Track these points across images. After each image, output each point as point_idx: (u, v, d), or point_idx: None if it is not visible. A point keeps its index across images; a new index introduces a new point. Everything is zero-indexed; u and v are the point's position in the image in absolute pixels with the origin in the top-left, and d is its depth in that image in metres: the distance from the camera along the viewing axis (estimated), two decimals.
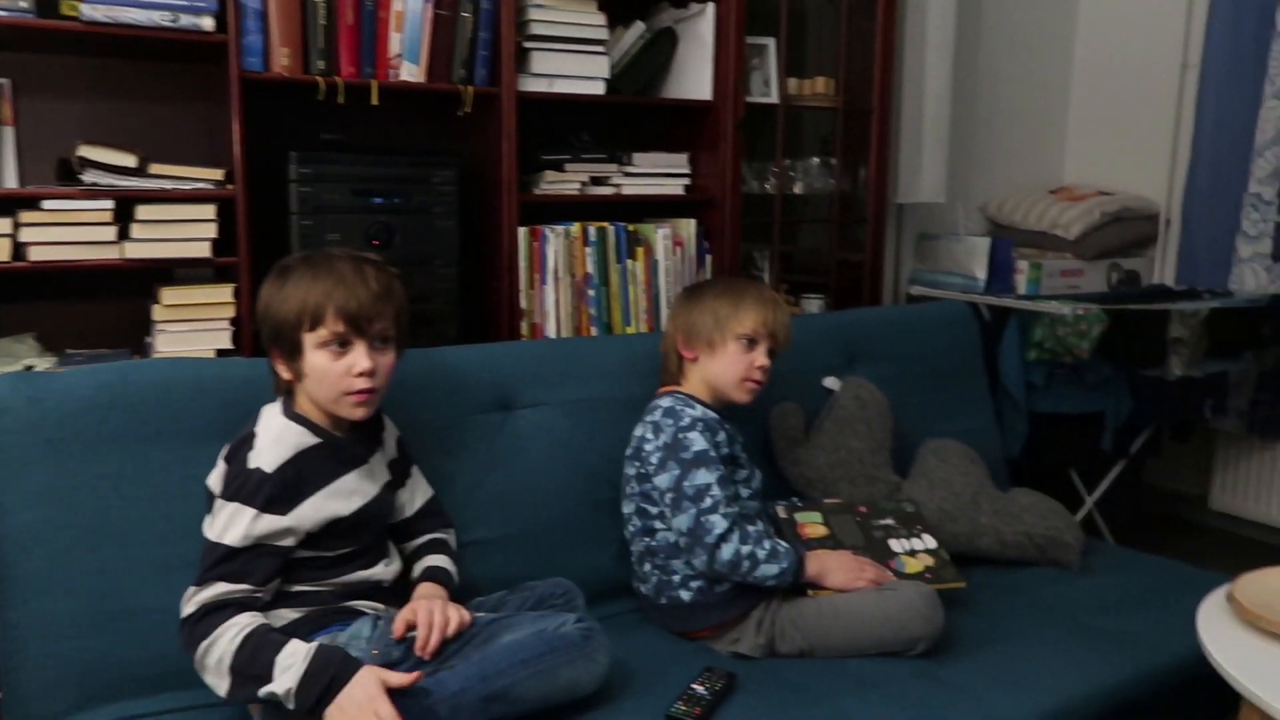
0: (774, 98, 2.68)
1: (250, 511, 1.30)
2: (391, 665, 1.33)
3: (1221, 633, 1.50)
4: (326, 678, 1.20)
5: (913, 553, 1.78)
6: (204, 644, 1.24)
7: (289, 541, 1.34)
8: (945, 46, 2.95)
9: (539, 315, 2.36)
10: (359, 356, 1.37)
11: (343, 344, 1.37)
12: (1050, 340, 2.58)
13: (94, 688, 1.34)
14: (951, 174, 3.15)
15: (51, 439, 1.38)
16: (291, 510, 1.34)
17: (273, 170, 2.11)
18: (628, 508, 1.77)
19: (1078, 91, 3.60)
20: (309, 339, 1.37)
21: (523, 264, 2.33)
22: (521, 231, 2.32)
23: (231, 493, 1.32)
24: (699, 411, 1.73)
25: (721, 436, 1.74)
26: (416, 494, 1.59)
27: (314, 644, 1.24)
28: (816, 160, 2.90)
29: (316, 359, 1.37)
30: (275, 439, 1.36)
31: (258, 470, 1.32)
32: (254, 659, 1.22)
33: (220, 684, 1.24)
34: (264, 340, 1.43)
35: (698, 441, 1.68)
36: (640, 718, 1.38)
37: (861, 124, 2.83)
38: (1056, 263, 3.11)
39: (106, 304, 2.18)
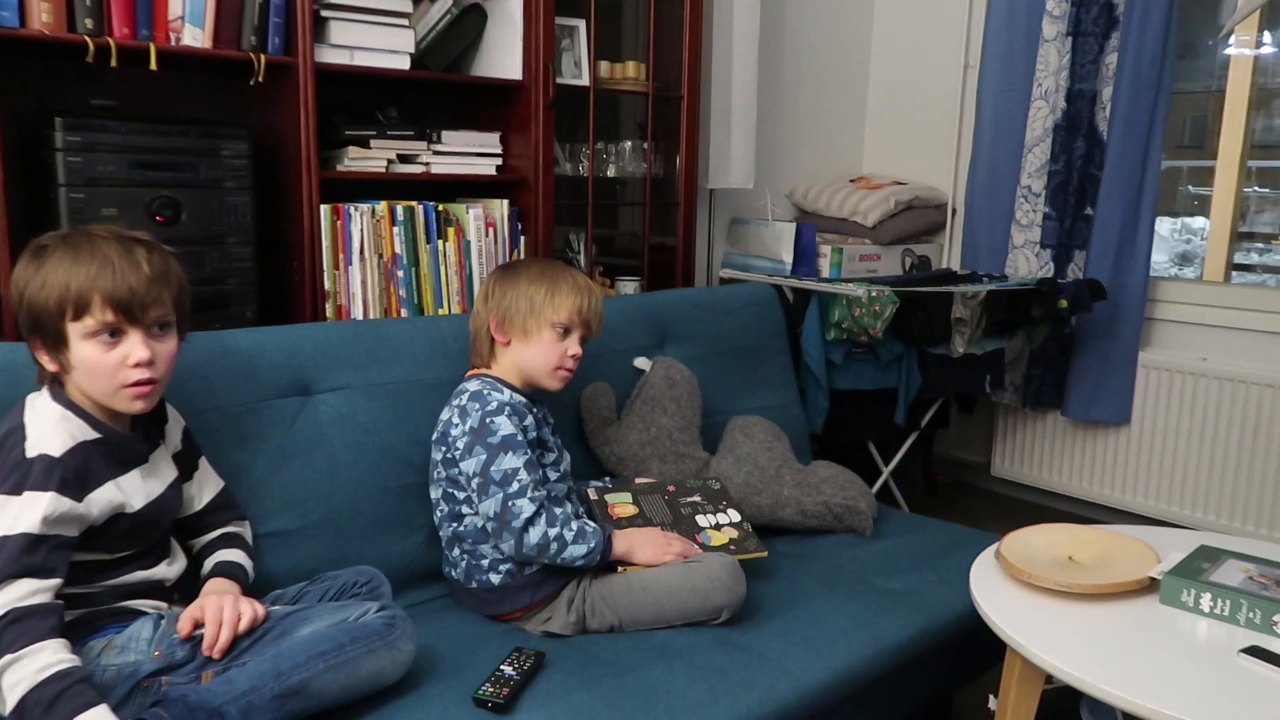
0: (585, 80, 2.69)
1: (45, 495, 1.18)
2: (176, 666, 1.25)
3: (989, 587, 1.63)
4: None
5: (718, 526, 1.84)
6: (6, 658, 1.11)
7: (74, 534, 1.22)
8: (750, 37, 3.05)
9: (344, 297, 2.27)
10: (134, 346, 1.26)
11: (114, 334, 1.25)
12: (847, 321, 2.72)
13: None
14: (759, 161, 3.27)
15: None
16: (84, 498, 1.23)
17: (36, 138, 1.93)
18: (435, 492, 1.73)
19: (875, 86, 3.81)
20: (74, 329, 1.25)
21: (325, 244, 2.23)
22: (324, 209, 2.23)
23: (13, 485, 1.18)
24: (506, 396, 1.72)
25: (529, 421, 1.73)
26: (205, 487, 1.49)
27: None
28: (629, 144, 2.94)
29: (84, 351, 1.25)
30: (53, 427, 1.24)
31: (43, 456, 1.20)
32: (52, 706, 1.09)
33: (5, 707, 1.11)
34: (22, 329, 1.30)
35: (505, 426, 1.66)
36: (447, 703, 1.35)
37: (672, 109, 2.88)
38: (857, 248, 3.28)
39: None
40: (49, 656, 1.11)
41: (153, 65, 1.99)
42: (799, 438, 2.40)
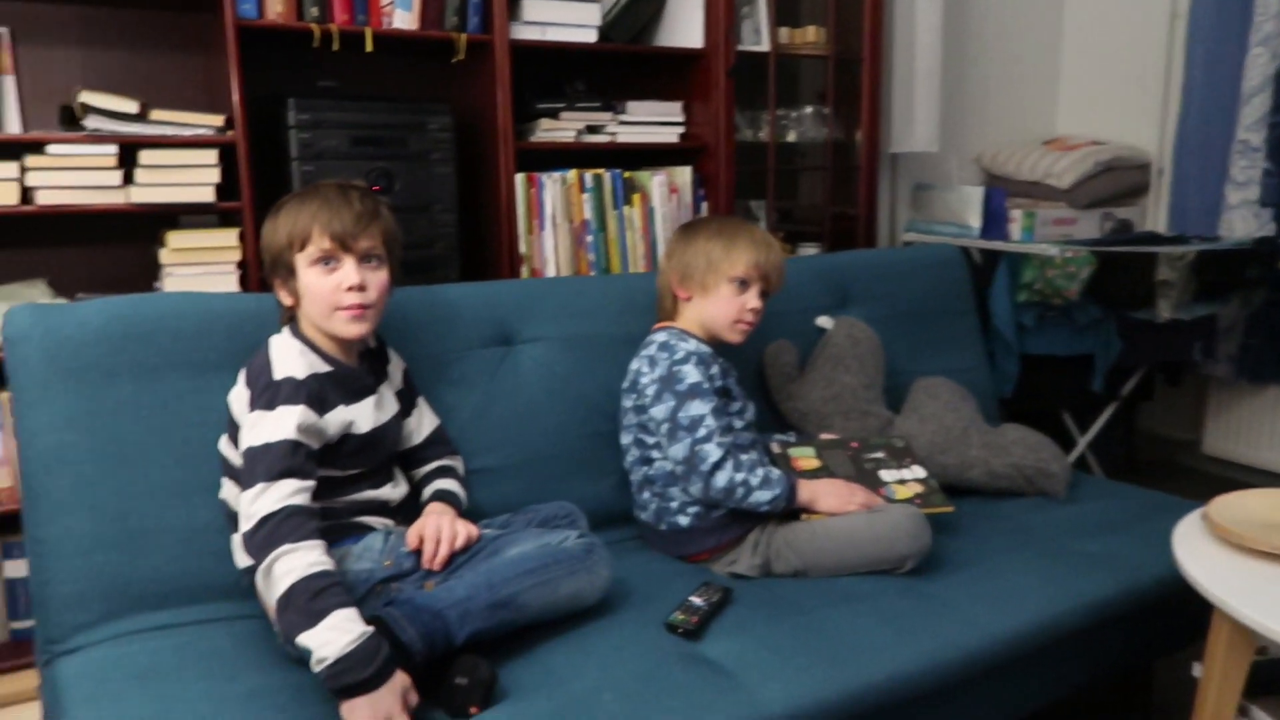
0: (765, 46, 2.71)
1: (297, 408, 1.34)
2: (403, 575, 1.39)
3: (1195, 548, 1.55)
4: (363, 674, 1.18)
5: (902, 481, 1.83)
6: (282, 549, 1.23)
7: (317, 447, 1.37)
8: None
9: (538, 260, 2.41)
10: (348, 272, 1.41)
11: (330, 261, 1.41)
12: (1040, 282, 2.62)
13: (118, 601, 1.40)
14: (944, 124, 3.19)
15: (69, 367, 1.43)
16: (323, 415, 1.39)
17: (272, 117, 2.14)
18: (625, 438, 1.82)
19: (1070, 42, 3.62)
20: (300, 259, 1.42)
21: (520, 210, 2.37)
22: (519, 178, 2.36)
23: (267, 402, 1.34)
24: (693, 345, 1.77)
25: (715, 370, 1.78)
26: (424, 423, 1.64)
27: (367, 629, 1.21)
28: (810, 109, 2.93)
29: (308, 277, 1.42)
30: (295, 358, 1.40)
31: (289, 378, 1.36)
32: (315, 597, 1.20)
33: (272, 591, 1.23)
34: (266, 272, 1.48)
35: (692, 374, 1.72)
36: (640, 626, 1.43)
37: (853, 73, 2.86)
38: (1050, 211, 3.15)
39: (114, 249, 2.23)
40: (318, 555, 1.26)
41: (368, 47, 2.17)
42: (986, 402, 2.34)
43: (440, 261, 2.30)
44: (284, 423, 1.33)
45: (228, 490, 1.45)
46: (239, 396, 1.42)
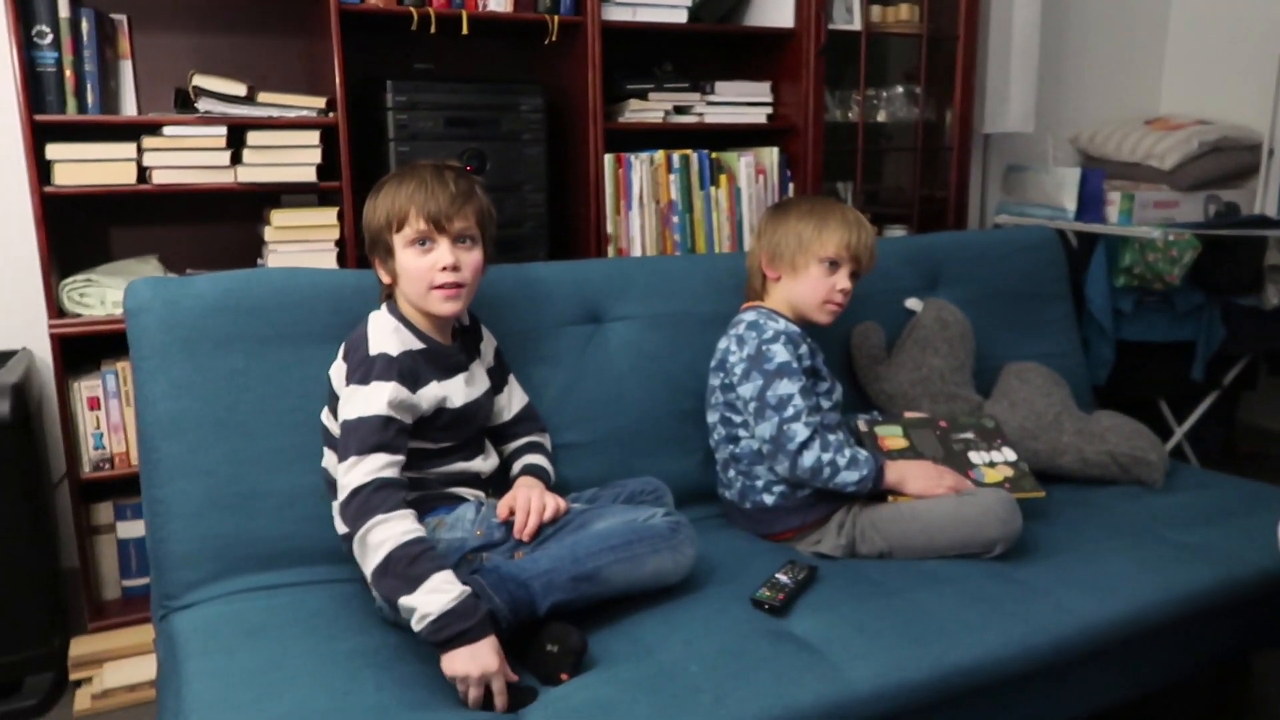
0: (856, 25, 2.67)
1: (389, 384, 1.39)
2: (493, 545, 1.44)
3: None
4: (464, 626, 1.22)
5: (992, 464, 1.81)
6: (375, 520, 1.28)
7: (410, 422, 1.42)
8: None
9: (624, 240, 2.43)
10: (442, 253, 1.45)
11: (426, 242, 1.45)
12: (1140, 266, 2.54)
13: (227, 561, 1.47)
14: (1040, 103, 3.10)
15: (186, 338, 1.50)
16: (416, 391, 1.44)
17: (370, 99, 2.20)
18: (712, 416, 1.83)
19: (1177, 16, 3.48)
20: (398, 240, 1.46)
21: (608, 190, 2.39)
22: (607, 159, 2.38)
23: (361, 377, 1.40)
24: (781, 325, 1.77)
25: (804, 349, 1.78)
26: (513, 399, 1.68)
27: (465, 588, 1.26)
28: (900, 89, 2.89)
29: (404, 257, 1.46)
30: (389, 335, 1.45)
31: (383, 354, 1.42)
32: (413, 563, 1.25)
33: (369, 561, 1.30)
34: (366, 250, 1.53)
35: (780, 353, 1.72)
36: (726, 601, 1.45)
37: (946, 52, 2.80)
38: (1150, 194, 3.04)
39: (220, 227, 2.32)
40: (411, 523, 1.31)
41: (464, 30, 2.21)
42: (1080, 388, 2.28)
43: (529, 240, 2.34)
44: (377, 398, 1.38)
45: (328, 459, 1.51)
46: (338, 370, 1.48)
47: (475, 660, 1.22)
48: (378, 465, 1.33)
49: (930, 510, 1.65)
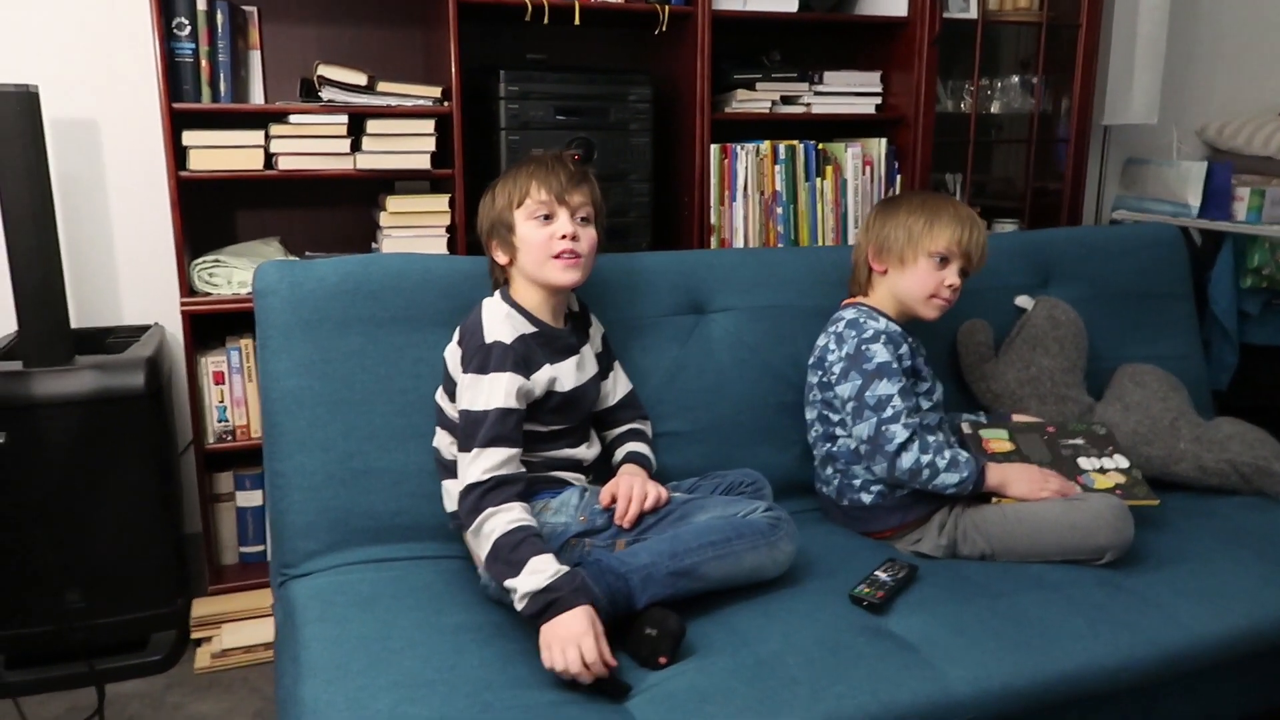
0: (973, 13, 2.60)
1: (506, 375, 1.44)
2: (595, 531, 1.46)
3: None
4: (556, 596, 1.26)
5: (1103, 470, 1.75)
6: (487, 513, 1.36)
7: (524, 408, 1.47)
8: None
9: (727, 231, 2.43)
10: (562, 223, 1.51)
11: (547, 217, 1.51)
12: (1269, 267, 2.42)
13: (342, 534, 1.54)
14: (1165, 94, 2.97)
15: (308, 319, 1.57)
16: (530, 376, 1.48)
17: (482, 88, 2.25)
18: (810, 413, 1.83)
19: None
20: (519, 215, 1.52)
21: (713, 180, 2.39)
22: (713, 149, 2.39)
23: (479, 366, 1.45)
24: (882, 324, 1.75)
25: (904, 349, 1.75)
26: (618, 386, 1.70)
27: (563, 568, 1.30)
28: (1016, 79, 2.80)
29: (525, 230, 1.52)
30: (502, 321, 1.49)
31: (498, 343, 1.46)
32: (515, 549, 1.32)
33: (481, 550, 1.38)
34: (483, 240, 1.58)
35: (880, 353, 1.70)
36: (824, 596, 1.45)
37: (1067, 40, 2.71)
38: None
39: (337, 211, 2.42)
40: (518, 513, 1.37)
41: (576, 21, 2.24)
42: (1199, 393, 2.19)
43: (634, 229, 2.36)
44: (496, 390, 1.43)
45: (440, 438, 1.57)
46: (453, 354, 1.53)
47: (570, 627, 1.25)
48: (496, 461, 1.39)
49: (1037, 514, 1.61)
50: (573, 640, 1.23)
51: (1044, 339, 2.02)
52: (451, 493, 1.51)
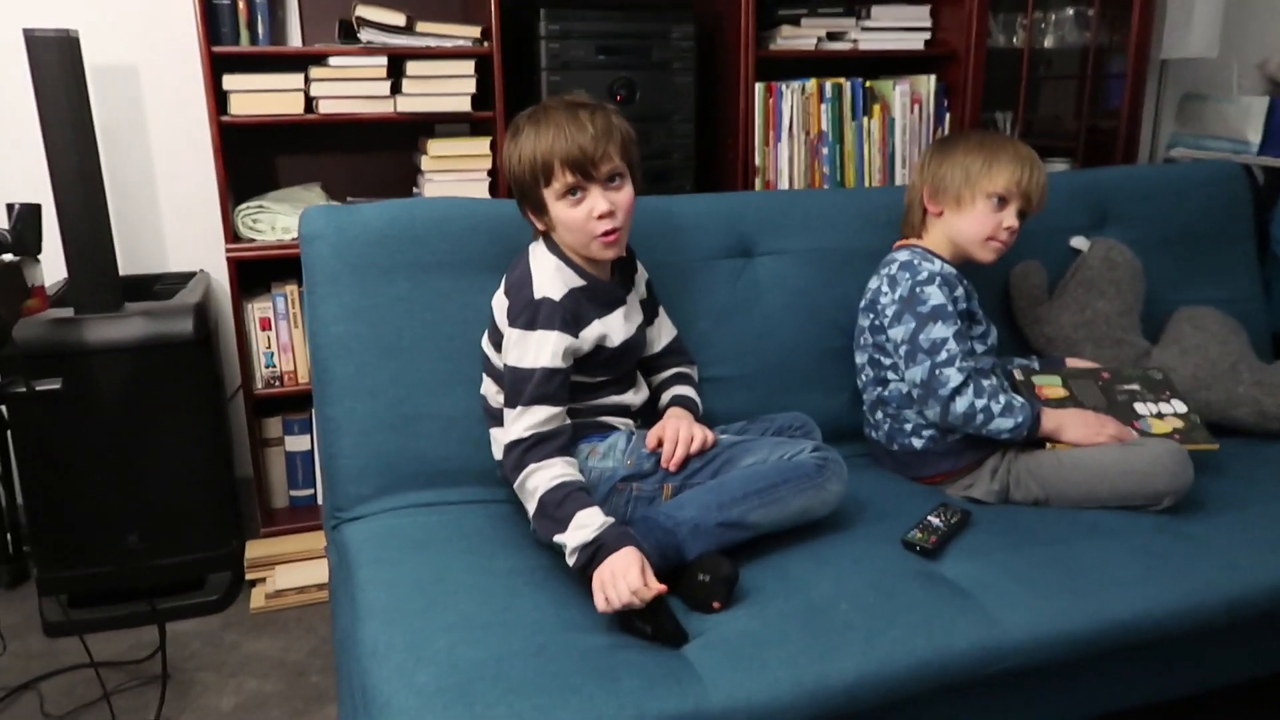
0: None
1: (554, 334, 1.42)
2: (642, 475, 1.46)
3: None
4: (603, 543, 1.27)
5: (1160, 415, 1.72)
6: (529, 469, 1.37)
7: (571, 365, 1.45)
8: None
9: (772, 172, 2.38)
10: (595, 200, 1.43)
11: (576, 191, 1.43)
12: None
13: (392, 478, 1.55)
14: (1226, 26, 2.85)
15: (354, 264, 1.57)
16: (578, 334, 1.46)
17: (522, 27, 2.21)
18: (860, 357, 1.80)
19: None
20: (548, 195, 1.45)
21: (757, 120, 2.34)
22: (757, 87, 2.33)
23: (526, 321, 1.43)
24: (937, 266, 1.71)
25: (959, 292, 1.72)
26: (663, 332, 1.68)
27: (608, 519, 1.31)
28: (1071, 11, 2.70)
29: (558, 210, 1.45)
30: (551, 275, 1.47)
31: (546, 299, 1.43)
32: (560, 505, 1.33)
33: (529, 506, 1.38)
34: (517, 200, 1.52)
35: (935, 296, 1.67)
36: (876, 541, 1.44)
37: None
38: None
39: (379, 156, 2.40)
40: (561, 469, 1.37)
41: None
42: (1260, 336, 2.14)
43: (677, 171, 2.32)
44: (543, 348, 1.41)
45: (487, 386, 1.56)
46: (500, 304, 1.50)
47: (610, 566, 1.25)
48: (540, 419, 1.38)
49: (1093, 459, 1.59)
50: (620, 574, 1.23)
51: (1099, 281, 1.97)
52: (499, 440, 1.51)
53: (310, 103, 2.09)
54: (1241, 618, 1.41)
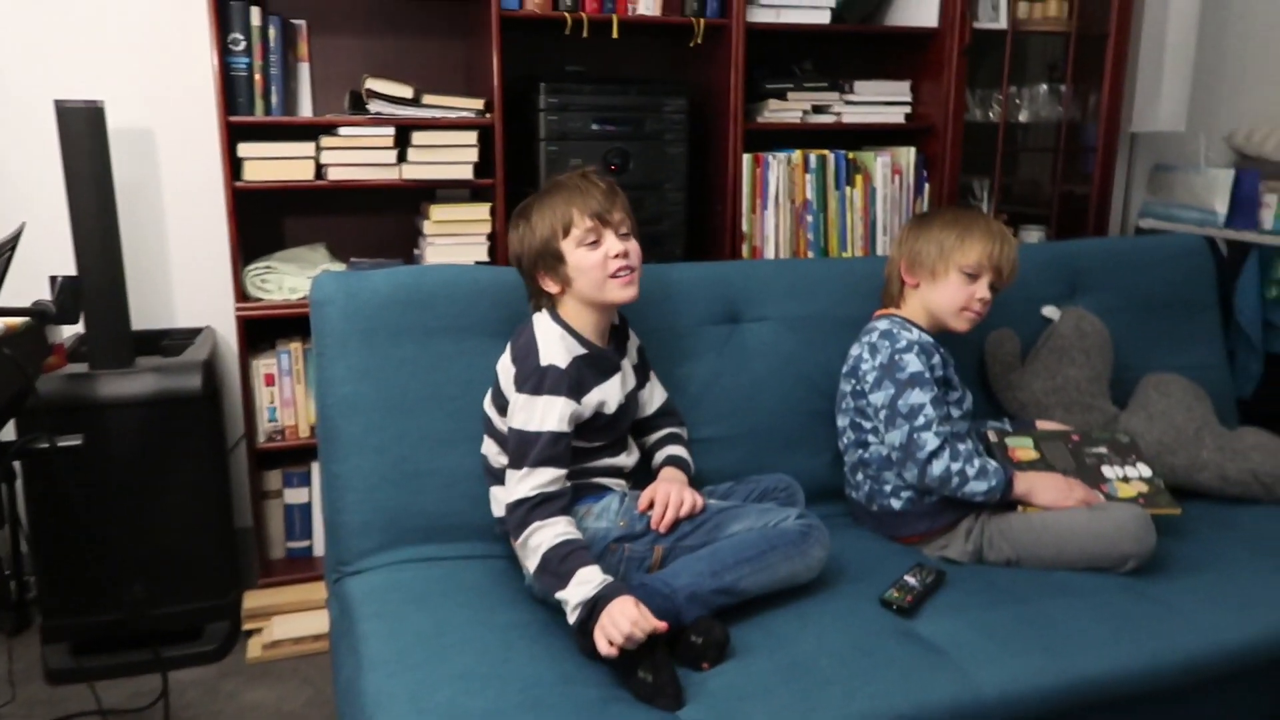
0: (1002, 23, 2.64)
1: (560, 400, 1.50)
2: (634, 536, 1.53)
3: None
4: (597, 599, 1.33)
5: (1126, 479, 1.81)
6: (533, 527, 1.43)
7: (572, 430, 1.53)
8: None
9: (759, 239, 2.49)
10: (611, 243, 1.56)
11: (594, 241, 1.55)
12: None
13: (395, 533, 1.62)
14: (1194, 101, 2.99)
15: (363, 327, 1.65)
16: (581, 399, 1.54)
17: (522, 99, 2.32)
18: (842, 421, 1.89)
19: None
20: (566, 245, 1.56)
21: (745, 189, 2.45)
22: (745, 158, 2.44)
23: (533, 387, 1.51)
24: (915, 335, 1.81)
25: (936, 359, 1.81)
26: (655, 395, 1.77)
27: (608, 577, 1.38)
28: (1044, 87, 2.84)
29: (577, 257, 1.56)
30: (556, 343, 1.55)
31: (553, 366, 1.52)
32: (563, 562, 1.40)
33: (530, 563, 1.46)
34: (527, 271, 1.61)
35: (913, 363, 1.76)
36: (855, 600, 1.51)
37: (1095, 49, 2.74)
38: None
39: (382, 219, 2.49)
40: (563, 527, 1.44)
41: (614, 34, 2.30)
42: (1224, 403, 2.24)
43: (668, 238, 2.42)
44: (549, 413, 1.49)
45: (488, 446, 1.63)
46: (505, 370, 1.58)
47: (608, 613, 1.31)
48: (544, 480, 1.46)
49: (1061, 522, 1.67)
50: (619, 613, 1.30)
51: (1070, 349, 2.07)
52: (499, 499, 1.58)
53: (320, 169, 2.19)
54: (1203, 676, 1.48)
